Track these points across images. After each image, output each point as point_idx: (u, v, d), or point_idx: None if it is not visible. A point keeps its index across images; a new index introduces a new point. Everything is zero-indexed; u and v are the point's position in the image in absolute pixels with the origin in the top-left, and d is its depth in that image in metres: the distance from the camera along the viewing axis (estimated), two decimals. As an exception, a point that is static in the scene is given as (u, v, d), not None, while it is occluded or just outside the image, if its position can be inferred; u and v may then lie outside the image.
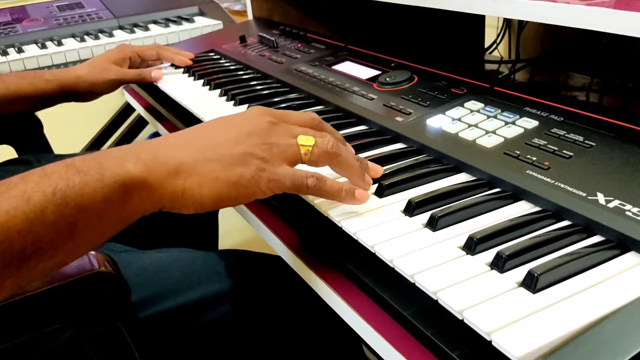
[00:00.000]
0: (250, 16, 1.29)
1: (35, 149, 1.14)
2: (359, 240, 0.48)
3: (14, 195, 0.40)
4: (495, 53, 1.11)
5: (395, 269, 0.44)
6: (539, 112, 0.63)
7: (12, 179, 0.42)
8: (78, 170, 0.43)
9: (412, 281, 0.42)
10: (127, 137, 1.89)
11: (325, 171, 0.53)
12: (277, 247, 0.59)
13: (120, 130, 1.90)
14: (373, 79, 0.81)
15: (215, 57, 1.11)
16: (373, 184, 0.56)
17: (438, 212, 0.49)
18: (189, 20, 1.45)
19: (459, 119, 0.65)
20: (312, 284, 0.53)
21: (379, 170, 0.57)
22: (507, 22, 1.09)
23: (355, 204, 0.51)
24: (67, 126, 1.77)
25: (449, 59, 0.83)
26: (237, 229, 1.66)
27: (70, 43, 1.33)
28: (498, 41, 1.10)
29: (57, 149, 1.22)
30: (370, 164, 0.57)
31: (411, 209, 0.51)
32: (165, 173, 0.46)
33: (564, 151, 0.54)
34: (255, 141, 0.49)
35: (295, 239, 0.58)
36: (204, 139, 0.50)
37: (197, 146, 0.49)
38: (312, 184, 0.49)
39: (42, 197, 0.40)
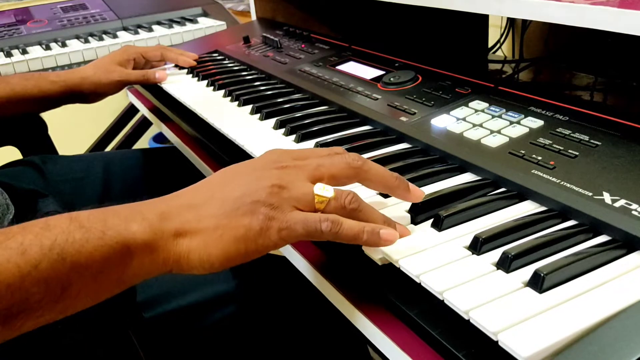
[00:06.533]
0: (253, 17, 1.29)
1: (39, 150, 1.15)
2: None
3: (10, 246, 0.38)
4: (499, 53, 1.11)
5: (401, 269, 0.44)
6: (543, 112, 0.62)
7: (13, 228, 0.40)
8: (81, 226, 0.40)
9: (417, 281, 0.42)
10: (131, 138, 1.90)
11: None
12: (283, 247, 0.59)
13: (124, 131, 1.91)
14: (377, 79, 0.81)
15: (219, 57, 1.11)
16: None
17: (443, 212, 0.49)
18: (193, 21, 1.45)
19: (464, 119, 0.65)
20: (316, 283, 0.53)
21: (419, 194, 0.51)
22: (511, 22, 1.08)
23: (383, 246, 0.46)
24: (71, 127, 1.77)
25: (453, 59, 0.83)
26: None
27: (74, 44, 1.33)
28: (502, 41, 1.10)
29: (61, 150, 1.22)
30: (412, 186, 0.51)
31: (416, 209, 0.51)
32: (169, 235, 0.43)
33: (569, 150, 0.54)
34: (265, 188, 0.45)
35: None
36: (213, 192, 0.46)
37: (205, 202, 0.45)
38: (327, 229, 0.44)
39: (39, 250, 0.38)
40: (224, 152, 0.75)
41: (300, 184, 0.46)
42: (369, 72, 0.85)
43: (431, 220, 0.49)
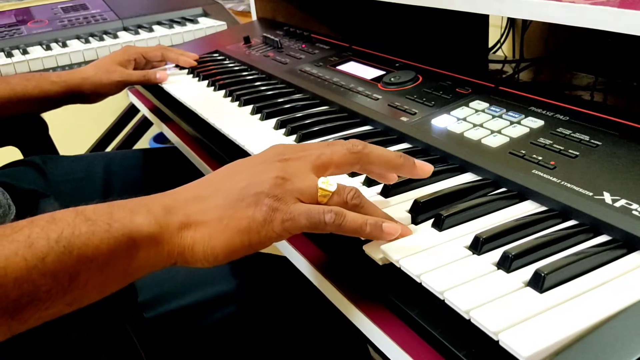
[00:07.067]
0: (254, 17, 1.30)
1: (40, 151, 1.15)
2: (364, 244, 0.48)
3: (17, 239, 0.38)
4: (500, 53, 1.11)
5: (402, 269, 0.44)
6: (544, 112, 0.63)
7: (20, 222, 0.40)
8: (87, 219, 0.41)
9: (418, 281, 0.43)
10: (132, 138, 1.90)
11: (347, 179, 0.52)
12: (281, 245, 0.59)
13: (125, 131, 1.91)
14: (377, 79, 0.81)
15: (219, 58, 1.11)
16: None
17: (444, 212, 0.49)
18: (193, 21, 1.45)
19: (464, 119, 0.65)
20: (316, 283, 0.53)
21: (427, 169, 0.51)
22: (511, 22, 1.09)
23: (384, 239, 0.46)
24: (72, 127, 1.77)
25: (453, 59, 0.83)
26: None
27: (74, 44, 1.33)
28: (502, 41, 1.10)
29: (62, 150, 1.23)
30: (418, 162, 0.51)
31: (417, 209, 0.51)
32: (174, 227, 0.44)
33: (569, 150, 0.54)
34: (268, 180, 0.45)
35: (299, 237, 0.58)
36: (217, 186, 0.47)
37: (209, 195, 0.46)
38: (331, 220, 0.44)
39: (46, 243, 0.38)
40: (225, 152, 0.75)
41: (303, 176, 0.46)
42: (369, 72, 0.85)
43: (432, 220, 0.49)
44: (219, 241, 0.44)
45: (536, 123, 0.60)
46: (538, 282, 0.39)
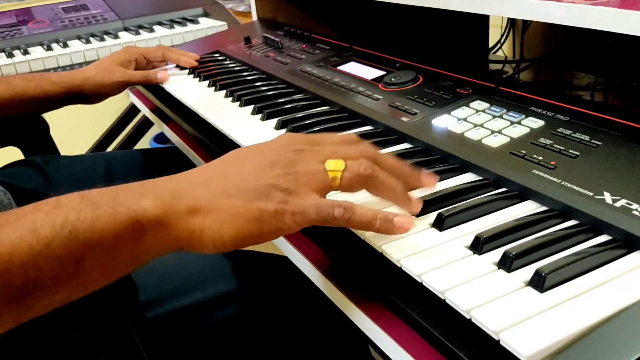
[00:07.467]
0: (254, 17, 1.30)
1: (41, 151, 1.15)
2: (365, 241, 0.48)
3: (22, 225, 0.38)
4: (500, 53, 1.11)
5: (403, 269, 0.44)
6: (544, 112, 0.63)
7: (25, 207, 0.40)
8: (92, 203, 0.41)
9: (419, 281, 0.43)
10: (133, 138, 1.90)
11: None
12: (282, 245, 0.59)
13: (125, 131, 1.91)
14: (378, 80, 0.81)
15: (220, 58, 1.11)
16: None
17: (445, 212, 0.49)
18: (194, 21, 1.45)
19: (465, 119, 0.65)
20: (317, 283, 0.53)
21: (433, 180, 0.52)
22: (511, 22, 1.09)
23: (397, 233, 0.46)
24: (73, 127, 1.77)
25: (454, 59, 0.84)
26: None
27: (75, 45, 1.33)
28: (502, 41, 1.10)
29: (63, 151, 1.23)
30: (425, 172, 0.52)
31: (418, 209, 0.51)
32: (182, 211, 0.43)
33: (570, 150, 0.54)
34: (279, 172, 0.45)
35: (300, 236, 0.58)
36: (226, 173, 0.47)
37: (218, 181, 0.46)
38: (339, 214, 0.44)
39: (51, 229, 0.38)
40: (225, 152, 0.75)
41: (313, 167, 0.47)
42: (370, 73, 0.85)
43: (433, 220, 0.49)
44: (228, 228, 0.44)
45: (536, 123, 0.60)
46: (539, 282, 0.40)
